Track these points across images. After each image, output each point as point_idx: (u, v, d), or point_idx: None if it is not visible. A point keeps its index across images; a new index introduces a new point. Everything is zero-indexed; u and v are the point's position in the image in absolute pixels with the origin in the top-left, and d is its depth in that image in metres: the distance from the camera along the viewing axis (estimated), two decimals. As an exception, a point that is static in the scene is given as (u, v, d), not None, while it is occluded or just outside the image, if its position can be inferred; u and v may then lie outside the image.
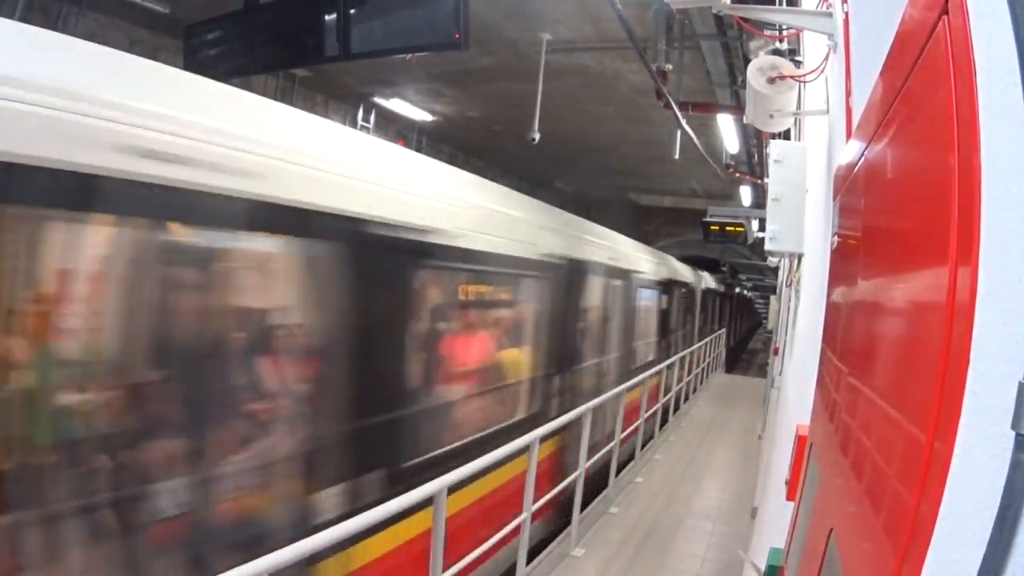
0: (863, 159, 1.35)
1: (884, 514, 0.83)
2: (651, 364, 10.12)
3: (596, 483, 6.91)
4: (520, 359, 5.57)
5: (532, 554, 5.22)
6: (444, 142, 12.88)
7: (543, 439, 4.87)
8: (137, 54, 2.60)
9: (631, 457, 8.22)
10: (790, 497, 2.18)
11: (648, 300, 10.45)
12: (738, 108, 7.73)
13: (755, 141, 9.74)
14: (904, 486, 0.75)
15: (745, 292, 39.97)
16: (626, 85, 8.70)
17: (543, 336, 5.86)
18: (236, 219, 2.66)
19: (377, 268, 3.48)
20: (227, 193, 2.55)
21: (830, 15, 2.78)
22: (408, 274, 3.80)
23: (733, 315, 29.76)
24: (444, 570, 3.45)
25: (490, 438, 4.68)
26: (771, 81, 3.39)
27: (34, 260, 2.12)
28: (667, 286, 11.78)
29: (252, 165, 2.66)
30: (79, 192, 2.14)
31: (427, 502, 3.31)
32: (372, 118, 10.70)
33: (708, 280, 18.70)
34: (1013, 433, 0.52)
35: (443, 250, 4.03)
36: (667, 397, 10.15)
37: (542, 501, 5.02)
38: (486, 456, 3.97)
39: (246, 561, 2.25)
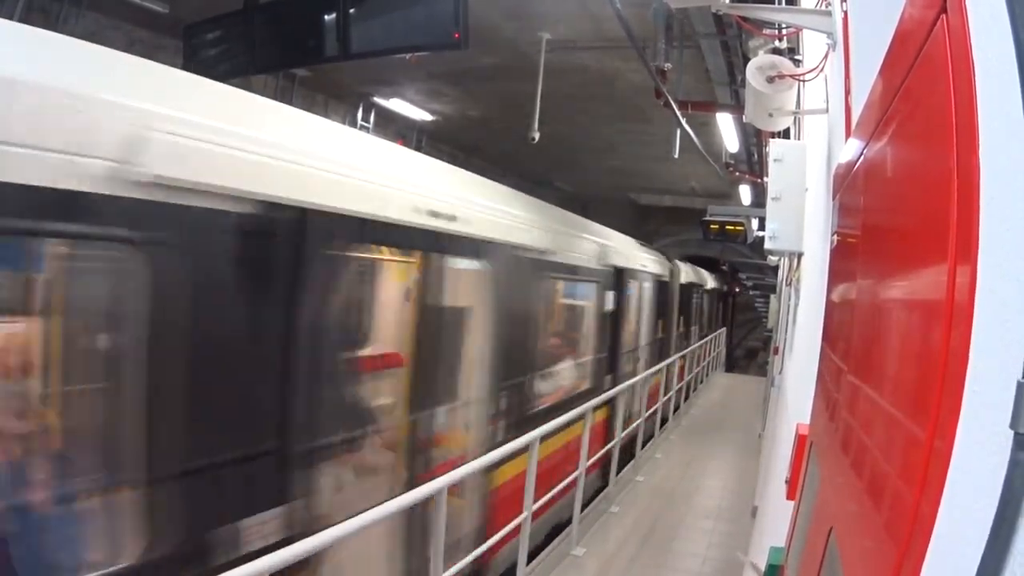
0: (862, 158, 1.35)
1: (884, 513, 0.83)
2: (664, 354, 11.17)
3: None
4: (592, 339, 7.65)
5: (539, 548, 5.24)
6: (444, 142, 12.86)
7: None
8: (137, 54, 2.61)
9: (631, 455, 8.24)
10: (790, 496, 2.18)
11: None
12: (738, 107, 7.72)
13: (755, 140, 9.73)
14: (904, 485, 0.75)
15: (746, 290, 39.60)
16: (626, 84, 8.68)
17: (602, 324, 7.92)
18: (462, 248, 4.28)
19: (523, 275, 5.29)
20: (456, 233, 4.10)
21: (829, 14, 2.78)
22: (540, 281, 5.69)
23: (731, 316, 29.61)
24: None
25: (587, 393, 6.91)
26: (770, 80, 3.39)
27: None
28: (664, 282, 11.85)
29: (462, 214, 4.18)
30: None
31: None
32: (372, 118, 10.70)
33: (707, 278, 18.86)
34: (1012, 432, 0.52)
35: (555, 264, 6.03)
36: (673, 390, 10.17)
37: (549, 492, 5.04)
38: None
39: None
